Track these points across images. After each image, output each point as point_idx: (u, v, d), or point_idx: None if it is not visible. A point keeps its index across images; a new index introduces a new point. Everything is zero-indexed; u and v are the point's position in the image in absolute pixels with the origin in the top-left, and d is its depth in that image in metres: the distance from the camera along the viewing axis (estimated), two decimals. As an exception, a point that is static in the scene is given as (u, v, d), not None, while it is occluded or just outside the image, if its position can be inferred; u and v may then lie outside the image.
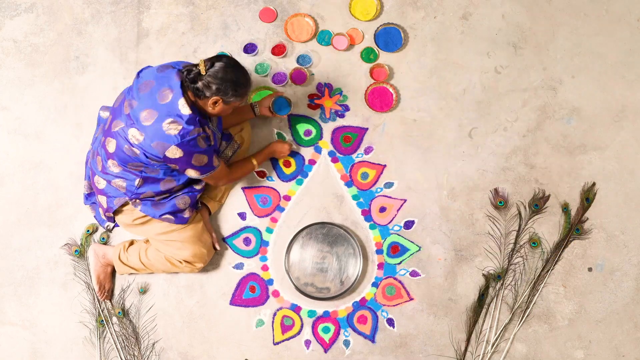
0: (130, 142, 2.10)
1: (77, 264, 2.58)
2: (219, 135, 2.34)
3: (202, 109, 2.13)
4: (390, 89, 2.62)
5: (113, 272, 2.58)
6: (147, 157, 2.12)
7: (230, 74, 2.06)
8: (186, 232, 2.40)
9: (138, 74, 2.17)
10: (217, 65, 2.05)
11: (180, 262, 2.43)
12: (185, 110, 2.05)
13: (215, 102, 2.09)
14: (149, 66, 2.21)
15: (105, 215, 2.43)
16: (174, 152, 2.07)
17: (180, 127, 2.04)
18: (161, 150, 2.07)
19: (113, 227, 2.56)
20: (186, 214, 2.38)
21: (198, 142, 2.09)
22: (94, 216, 2.52)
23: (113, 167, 2.22)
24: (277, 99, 2.53)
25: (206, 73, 2.04)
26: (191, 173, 2.19)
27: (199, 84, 2.04)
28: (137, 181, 2.23)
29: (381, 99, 2.63)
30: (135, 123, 2.07)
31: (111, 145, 2.17)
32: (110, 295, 2.57)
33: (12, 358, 2.59)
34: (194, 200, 2.39)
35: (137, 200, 2.30)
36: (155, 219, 2.34)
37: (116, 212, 2.38)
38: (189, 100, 2.08)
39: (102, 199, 2.36)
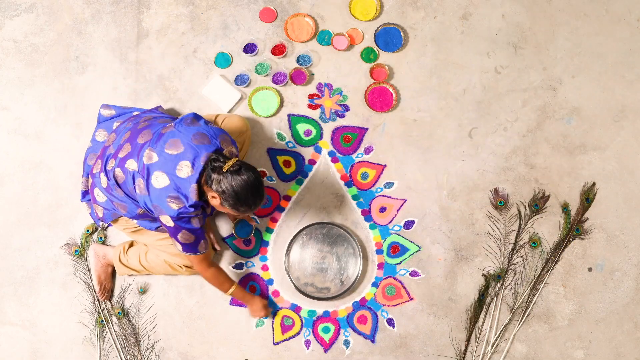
0: (135, 188, 2.10)
1: (77, 263, 2.58)
2: (207, 216, 2.30)
3: (204, 192, 2.09)
4: (390, 89, 2.62)
5: (113, 272, 2.58)
6: (145, 205, 2.11)
7: (243, 190, 1.99)
8: None
9: (176, 124, 2.10)
10: (241, 174, 1.99)
11: (180, 267, 2.43)
12: (193, 196, 2.02)
13: (213, 197, 2.04)
14: (190, 116, 2.13)
15: (99, 219, 2.43)
16: (167, 221, 2.07)
17: (181, 206, 2.03)
18: (156, 212, 2.07)
19: (108, 226, 2.57)
20: None
21: (192, 221, 2.09)
22: (89, 213, 2.51)
23: (118, 191, 2.19)
24: (240, 222, 2.56)
25: (227, 172, 1.99)
26: (176, 245, 2.17)
27: (214, 176, 2.00)
28: (139, 210, 2.21)
29: (381, 99, 2.63)
30: (144, 177, 2.05)
31: (120, 178, 2.15)
32: (110, 295, 2.57)
33: (12, 358, 2.59)
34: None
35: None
36: (152, 230, 2.34)
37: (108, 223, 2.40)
38: (200, 184, 2.04)
39: (99, 209, 2.35)
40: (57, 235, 2.61)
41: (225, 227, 2.61)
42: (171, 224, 2.07)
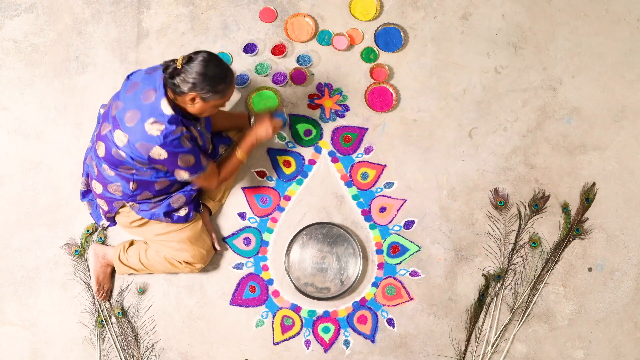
0: (116, 145, 2.08)
1: (77, 263, 2.58)
2: (208, 136, 2.29)
3: (184, 109, 2.08)
4: (390, 89, 2.62)
5: (112, 272, 2.58)
6: (133, 159, 2.09)
7: (207, 69, 1.97)
8: (185, 233, 2.39)
9: (128, 76, 2.16)
10: (195, 59, 1.98)
11: (180, 262, 2.43)
12: (167, 110, 2.01)
13: (193, 99, 2.01)
14: (139, 70, 2.19)
15: (106, 217, 2.43)
16: (158, 153, 2.04)
17: (162, 127, 2.01)
18: (145, 151, 2.04)
19: (108, 226, 2.57)
20: (181, 213, 2.36)
21: (182, 142, 2.05)
22: (90, 213, 2.52)
23: (107, 171, 2.21)
24: (276, 114, 2.44)
25: (182, 67, 1.97)
26: (181, 174, 2.15)
27: (176, 80, 1.98)
28: (131, 185, 2.22)
29: (381, 99, 2.63)
30: (120, 124, 2.05)
31: (101, 149, 2.16)
32: (108, 295, 2.57)
33: (12, 358, 2.59)
34: (190, 198, 2.36)
35: (134, 204, 2.30)
36: (153, 220, 2.34)
37: (115, 213, 2.39)
38: (170, 99, 2.04)
39: (102, 203, 2.36)
40: (57, 235, 2.61)
41: (225, 227, 2.61)
42: (164, 154, 2.04)
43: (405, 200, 2.60)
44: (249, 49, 2.67)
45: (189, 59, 1.98)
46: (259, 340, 2.56)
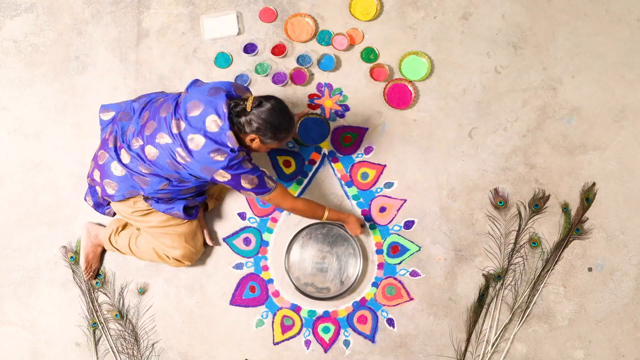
0: (176, 160, 2.13)
1: (73, 271, 2.58)
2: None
3: (242, 140, 2.16)
4: (410, 87, 2.62)
5: (102, 252, 2.58)
6: (190, 174, 2.16)
7: (274, 118, 2.09)
8: (181, 228, 2.39)
9: (187, 89, 2.18)
10: (265, 105, 2.09)
11: (168, 257, 2.43)
12: (232, 143, 2.08)
13: (252, 140, 2.12)
14: (197, 80, 2.23)
15: (102, 199, 2.38)
16: (223, 176, 2.12)
17: (226, 155, 2.08)
18: (208, 173, 2.12)
19: (114, 215, 2.50)
20: (193, 211, 2.40)
21: (244, 164, 2.13)
22: (92, 205, 2.46)
23: (143, 168, 2.21)
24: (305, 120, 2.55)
25: (251, 110, 2.07)
26: (248, 194, 2.22)
27: (242, 119, 2.08)
28: (163, 184, 2.23)
29: (400, 96, 2.62)
30: (183, 144, 2.09)
31: (152, 154, 2.17)
32: (95, 274, 2.57)
33: (12, 358, 2.59)
34: (203, 201, 2.44)
35: (150, 198, 2.30)
36: (160, 212, 2.34)
37: (120, 200, 2.33)
38: (235, 132, 2.10)
39: (112, 185, 2.28)
40: (57, 235, 2.61)
41: (225, 227, 2.61)
42: (228, 176, 2.12)
43: (405, 200, 2.60)
44: (249, 49, 2.67)
45: (259, 104, 2.08)
46: (259, 340, 2.56)
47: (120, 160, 2.25)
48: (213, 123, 2.07)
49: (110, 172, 2.27)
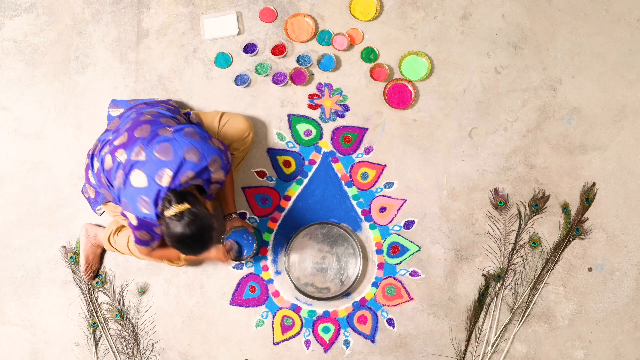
0: (114, 178, 2.09)
1: (73, 271, 2.58)
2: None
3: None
4: (410, 87, 2.62)
5: (102, 253, 2.58)
6: (118, 197, 2.10)
7: (176, 242, 1.97)
8: None
9: (180, 129, 2.07)
10: (176, 227, 1.94)
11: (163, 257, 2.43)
12: (151, 210, 2.00)
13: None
14: (198, 129, 2.11)
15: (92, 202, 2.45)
16: (132, 218, 2.06)
17: (149, 213, 2.00)
18: (124, 207, 2.07)
19: (102, 213, 2.57)
20: None
21: (154, 228, 2.08)
22: (88, 198, 2.48)
23: (103, 179, 2.18)
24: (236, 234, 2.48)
25: (169, 217, 1.95)
26: (131, 234, 2.19)
27: (161, 218, 2.00)
28: None
29: (400, 96, 2.62)
30: (125, 171, 2.03)
31: (107, 165, 2.11)
32: (95, 275, 2.57)
33: (12, 358, 2.59)
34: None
35: None
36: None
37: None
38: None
39: (91, 190, 2.37)
40: (57, 235, 2.61)
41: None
42: (134, 222, 2.06)
43: (405, 200, 2.60)
44: (249, 49, 2.67)
45: (177, 220, 1.94)
46: (259, 340, 2.56)
47: (92, 169, 2.25)
48: (165, 177, 1.97)
49: (87, 177, 2.31)
